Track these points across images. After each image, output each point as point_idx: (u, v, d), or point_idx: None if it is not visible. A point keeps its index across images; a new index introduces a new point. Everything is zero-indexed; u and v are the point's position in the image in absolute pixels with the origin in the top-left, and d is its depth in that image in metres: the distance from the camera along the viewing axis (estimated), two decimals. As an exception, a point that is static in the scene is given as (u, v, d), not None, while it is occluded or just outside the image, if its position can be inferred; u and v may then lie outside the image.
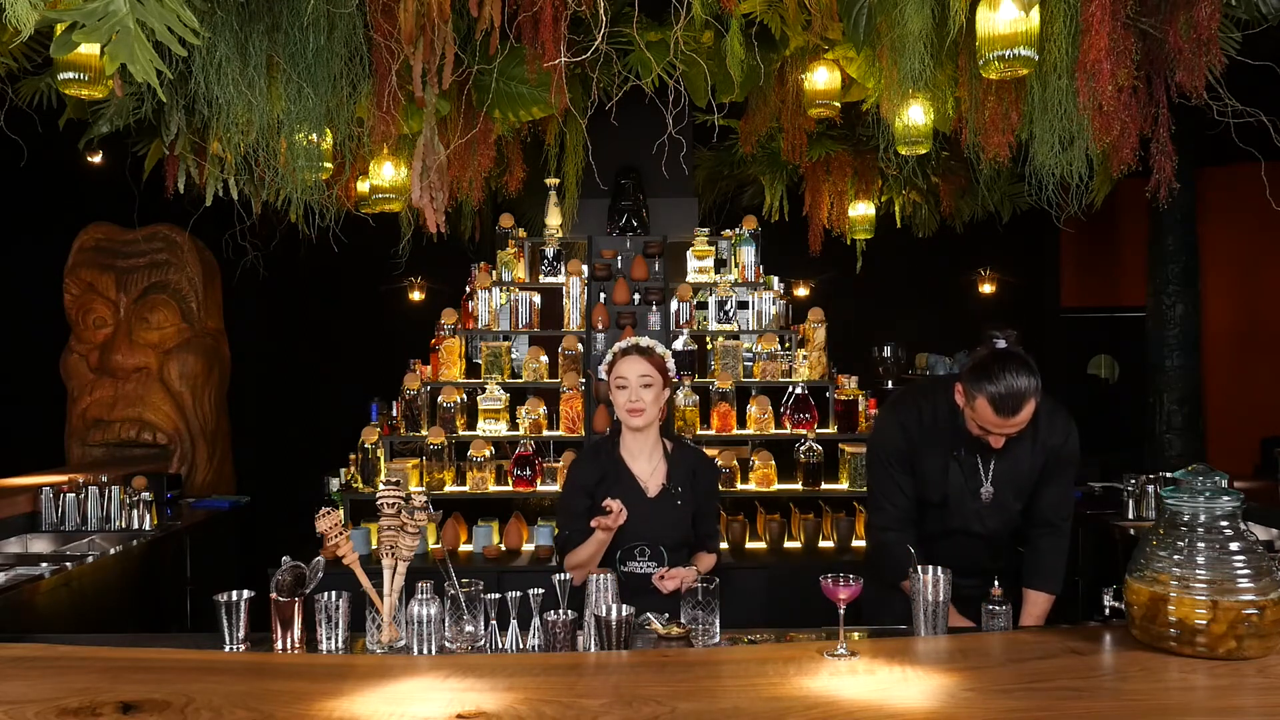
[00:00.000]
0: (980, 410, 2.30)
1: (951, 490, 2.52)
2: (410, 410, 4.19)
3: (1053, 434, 2.50)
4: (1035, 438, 2.47)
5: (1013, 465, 2.49)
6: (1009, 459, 2.48)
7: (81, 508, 4.22)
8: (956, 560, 2.39)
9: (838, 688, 1.67)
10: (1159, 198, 2.95)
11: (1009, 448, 2.44)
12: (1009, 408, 2.26)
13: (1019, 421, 2.29)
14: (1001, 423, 2.29)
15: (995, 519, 2.54)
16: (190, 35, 1.86)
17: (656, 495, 2.59)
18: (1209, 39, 2.61)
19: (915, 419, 2.55)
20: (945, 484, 2.52)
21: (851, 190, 5.53)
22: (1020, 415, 2.27)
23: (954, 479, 2.51)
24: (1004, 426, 2.30)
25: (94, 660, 1.89)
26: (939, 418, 2.51)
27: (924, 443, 2.52)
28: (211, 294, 5.86)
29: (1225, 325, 7.70)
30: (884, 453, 2.59)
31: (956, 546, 2.54)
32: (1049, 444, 2.49)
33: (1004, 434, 2.34)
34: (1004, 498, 2.52)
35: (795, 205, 5.75)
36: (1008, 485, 2.51)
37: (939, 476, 2.52)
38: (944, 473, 2.51)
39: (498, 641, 2.17)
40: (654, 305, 4.39)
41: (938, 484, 2.52)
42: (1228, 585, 1.72)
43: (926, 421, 2.53)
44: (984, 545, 2.57)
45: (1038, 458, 2.50)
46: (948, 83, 3.23)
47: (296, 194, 3.20)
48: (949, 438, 2.49)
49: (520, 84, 3.45)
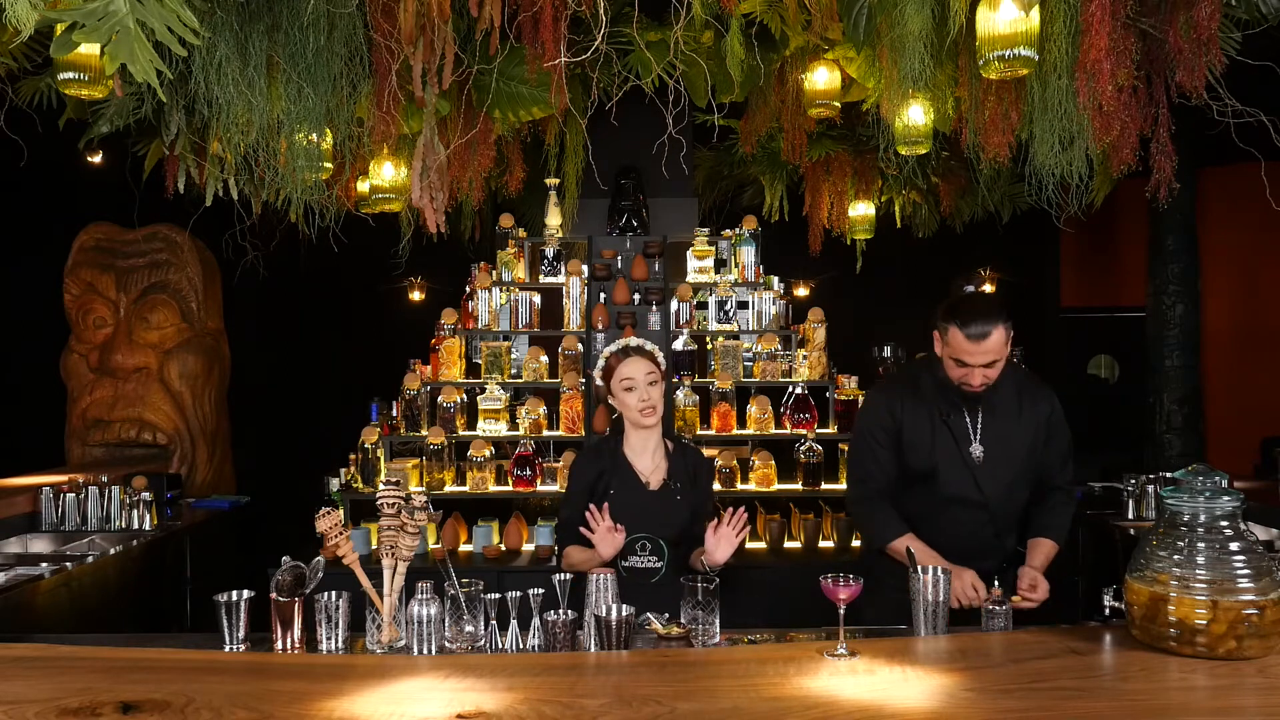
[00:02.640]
0: (953, 340, 2.40)
1: (941, 456, 2.55)
2: (410, 410, 4.19)
3: (1037, 404, 2.59)
4: (1020, 408, 2.56)
5: (1002, 427, 2.55)
6: (997, 420, 2.55)
7: (81, 508, 4.21)
8: (961, 540, 2.44)
9: (838, 688, 1.67)
10: (1159, 198, 2.95)
11: (996, 409, 2.53)
12: (978, 331, 2.36)
13: (990, 348, 2.37)
14: (973, 349, 2.38)
15: (991, 484, 2.54)
16: (190, 35, 1.86)
17: (658, 489, 2.61)
18: (1209, 39, 2.61)
19: (899, 394, 2.63)
20: (934, 449, 2.55)
21: (851, 190, 5.53)
22: (990, 340, 2.36)
23: (943, 443, 2.55)
24: (976, 354, 2.38)
25: (94, 660, 1.89)
26: (923, 388, 2.59)
27: (911, 414, 2.59)
28: (211, 294, 5.85)
29: (1225, 325, 7.70)
30: (867, 428, 2.68)
31: (958, 522, 2.55)
32: (1036, 415, 2.58)
33: (979, 366, 2.40)
34: (996, 459, 2.54)
35: (795, 205, 5.75)
36: (999, 446, 2.54)
37: (927, 441, 2.56)
38: (932, 436, 2.56)
39: (498, 641, 2.17)
40: (654, 305, 4.39)
41: (926, 450, 2.56)
42: (1228, 585, 1.72)
43: (911, 394, 2.61)
44: (987, 518, 2.57)
45: (1027, 430, 2.57)
46: (948, 83, 3.23)
47: (296, 194, 3.20)
48: (936, 404, 2.57)
49: (520, 84, 3.45)
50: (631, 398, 2.57)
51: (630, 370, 2.57)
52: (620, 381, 2.58)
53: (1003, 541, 2.59)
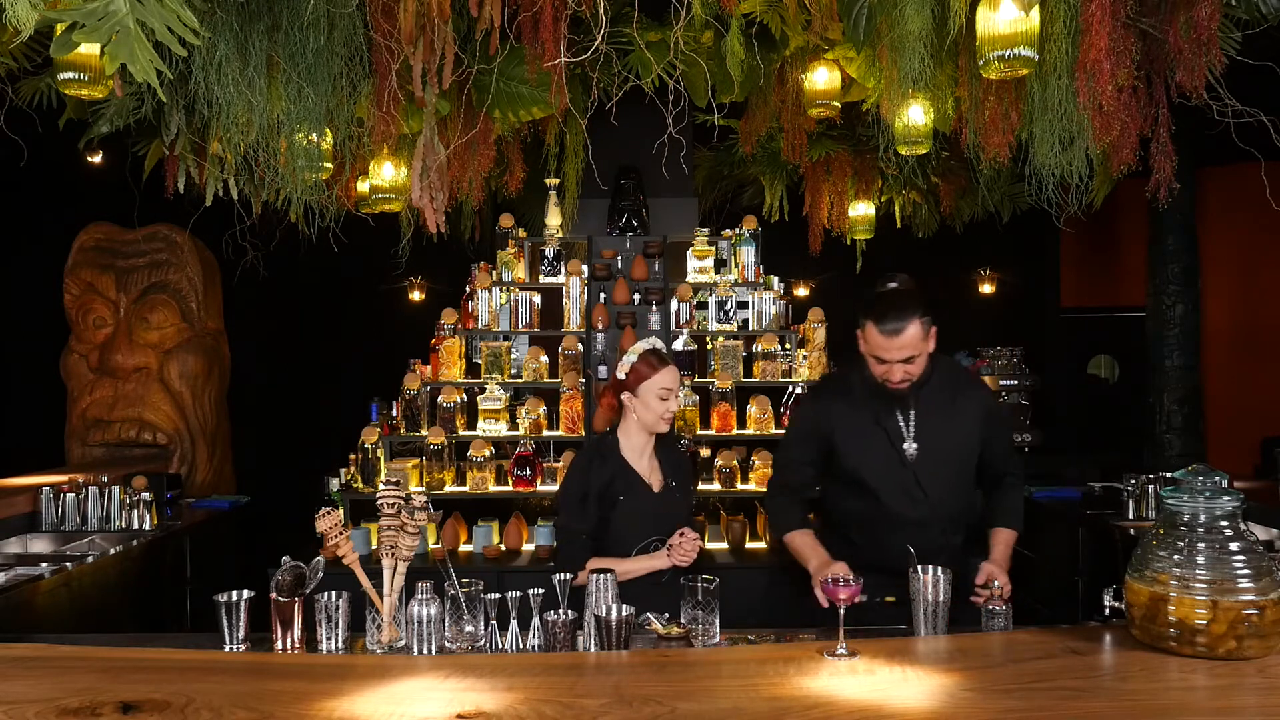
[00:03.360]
0: (870, 337, 2.42)
1: (876, 457, 2.53)
2: (410, 410, 4.19)
3: (971, 399, 2.59)
4: (954, 404, 2.56)
5: (936, 424, 2.53)
6: (931, 417, 2.53)
7: (81, 508, 4.21)
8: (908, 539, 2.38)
9: (837, 688, 1.67)
10: (1159, 198, 2.95)
11: (929, 406, 2.52)
12: (892, 326, 2.38)
13: (905, 344, 2.38)
14: (888, 344, 2.39)
15: (931, 481, 2.51)
16: (190, 35, 1.86)
17: (660, 491, 2.62)
18: (1209, 39, 2.61)
19: (829, 397, 2.65)
20: (868, 450, 2.54)
21: (851, 190, 5.53)
22: (905, 335, 2.37)
23: (877, 443, 2.54)
24: (892, 350, 2.39)
25: (94, 660, 1.89)
26: (854, 390, 2.59)
27: (842, 417, 2.59)
28: (211, 294, 5.86)
29: (1225, 325, 7.70)
30: (792, 429, 2.73)
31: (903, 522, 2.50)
32: (971, 409, 2.57)
33: (897, 362, 2.41)
34: (932, 456, 2.52)
35: (795, 205, 5.75)
36: (933, 443, 2.52)
37: (860, 442, 2.55)
38: (865, 437, 2.55)
39: (498, 641, 2.17)
40: (654, 305, 4.39)
41: (859, 451, 2.55)
42: (1228, 585, 1.72)
43: (843, 396, 2.61)
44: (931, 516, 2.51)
45: (962, 425, 2.56)
46: (948, 83, 3.23)
47: (296, 194, 3.20)
48: (868, 404, 2.56)
49: (520, 84, 3.45)
50: (663, 407, 2.57)
51: (668, 380, 2.57)
52: (658, 390, 2.56)
53: (949, 539, 2.55)
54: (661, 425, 2.59)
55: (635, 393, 2.58)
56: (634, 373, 2.58)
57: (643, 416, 2.59)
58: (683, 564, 2.50)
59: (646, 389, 2.56)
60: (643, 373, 2.57)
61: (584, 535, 2.56)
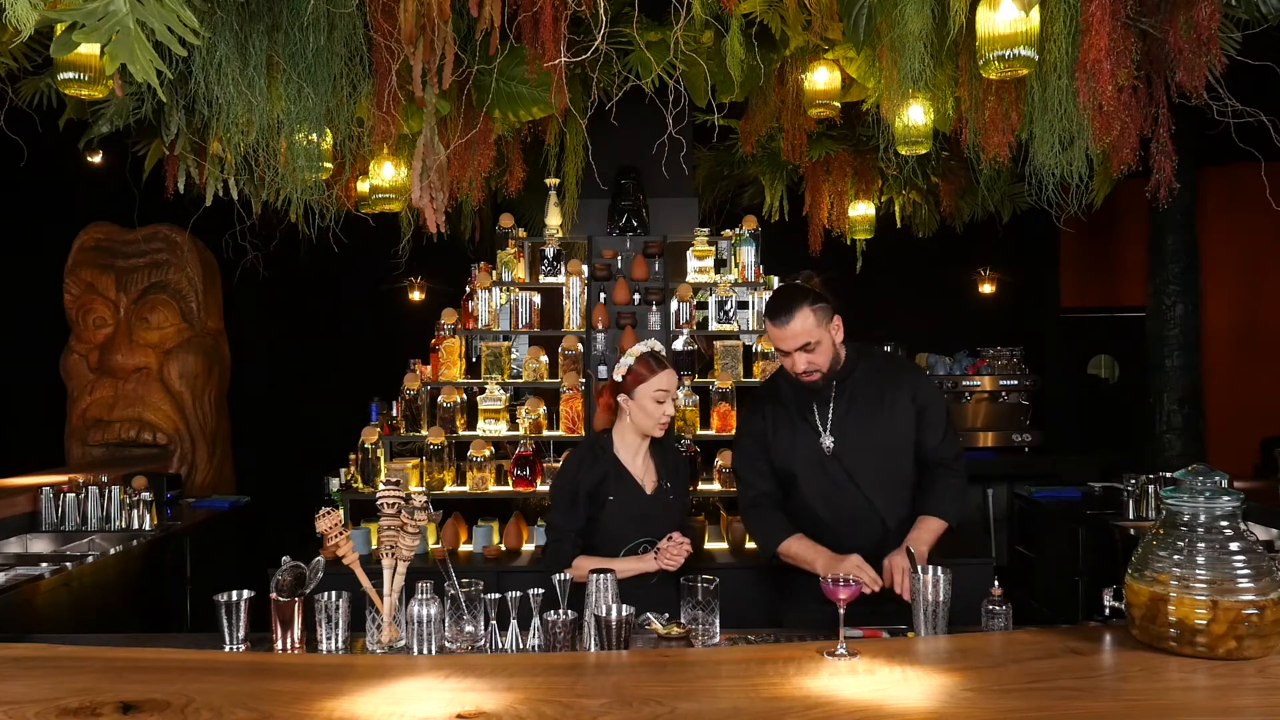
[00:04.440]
0: (769, 333, 2.50)
1: (801, 454, 2.57)
2: (410, 410, 4.19)
3: (900, 387, 2.59)
4: (881, 394, 2.57)
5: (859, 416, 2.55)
6: (854, 408, 2.55)
7: (81, 508, 4.21)
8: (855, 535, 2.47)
9: (837, 688, 1.67)
10: (1159, 198, 2.95)
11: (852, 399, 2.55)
12: (779, 319, 2.44)
13: (795, 333, 2.43)
14: (780, 334, 2.45)
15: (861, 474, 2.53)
16: (190, 35, 1.86)
17: (653, 493, 2.61)
18: (1209, 39, 2.61)
19: (763, 400, 2.69)
20: (794, 448, 2.58)
21: (851, 190, 5.53)
22: (792, 325, 2.43)
23: (804, 441, 2.57)
24: (786, 340, 2.45)
25: (94, 660, 1.89)
26: (782, 391, 2.64)
27: (773, 418, 2.63)
28: (211, 294, 5.86)
29: (1225, 325, 7.70)
30: (741, 437, 2.74)
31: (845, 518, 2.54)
32: (900, 397, 2.57)
33: (794, 351, 2.45)
34: (853, 448, 2.53)
35: (795, 205, 5.75)
36: (853, 435, 2.54)
37: (788, 441, 2.59)
38: (793, 436, 2.58)
39: (498, 641, 2.17)
40: (654, 305, 4.39)
41: (788, 450, 2.59)
42: (1228, 585, 1.72)
43: (773, 399, 2.65)
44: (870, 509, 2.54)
45: (890, 414, 2.56)
46: (948, 83, 3.23)
47: (296, 194, 3.20)
48: (794, 404, 2.60)
49: (520, 84, 3.44)
50: (659, 410, 2.57)
51: (665, 383, 2.57)
52: (654, 393, 2.56)
53: (903, 531, 2.53)
54: (656, 430, 2.59)
55: (631, 395, 2.58)
56: (631, 375, 2.58)
57: (638, 419, 2.59)
58: (669, 568, 2.50)
59: (642, 391, 2.57)
60: (640, 375, 2.57)
61: (572, 533, 2.56)
